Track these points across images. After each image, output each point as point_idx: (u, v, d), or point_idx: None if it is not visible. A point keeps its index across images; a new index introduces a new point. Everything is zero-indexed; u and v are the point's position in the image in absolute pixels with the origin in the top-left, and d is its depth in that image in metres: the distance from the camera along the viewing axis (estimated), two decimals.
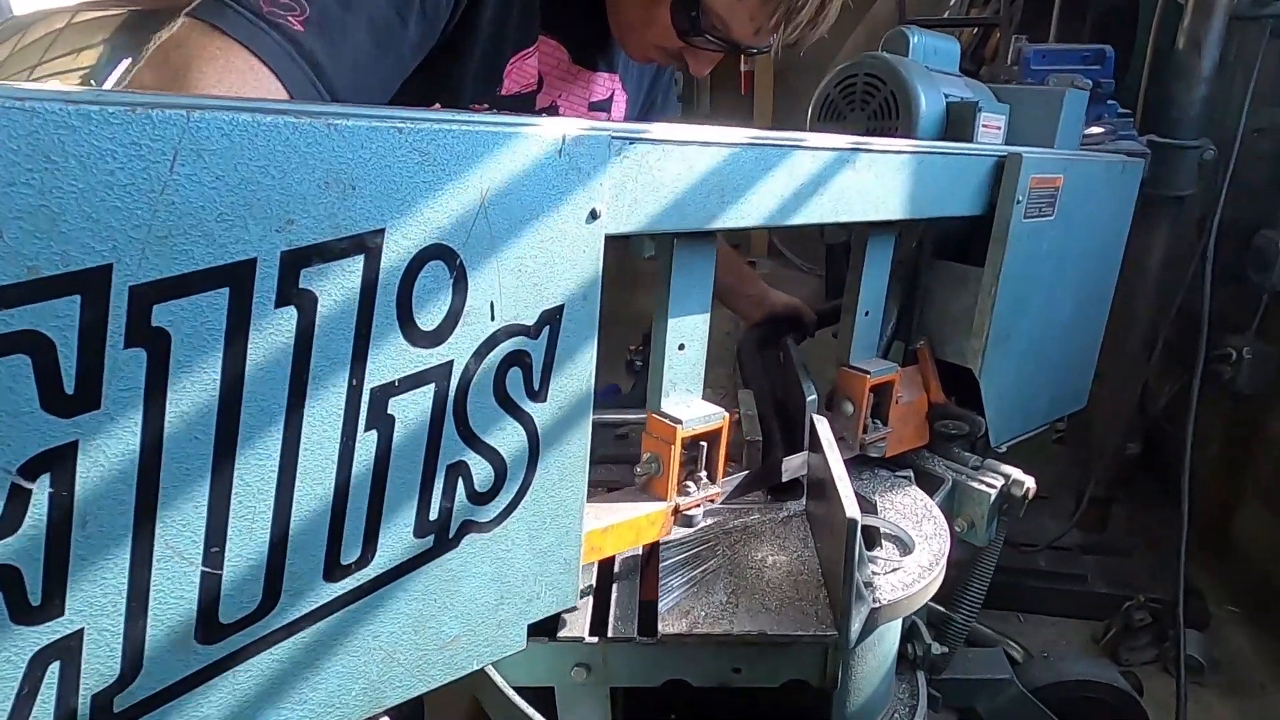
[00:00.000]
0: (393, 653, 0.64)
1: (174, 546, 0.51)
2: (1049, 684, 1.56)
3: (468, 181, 0.57)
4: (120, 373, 0.46)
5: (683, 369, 0.90)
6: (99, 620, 0.49)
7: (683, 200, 0.74)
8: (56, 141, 0.42)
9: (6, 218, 0.41)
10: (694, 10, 1.01)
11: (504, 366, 0.64)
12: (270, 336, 0.51)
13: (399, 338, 0.57)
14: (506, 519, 0.68)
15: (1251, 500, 2.39)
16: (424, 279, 0.57)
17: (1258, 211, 2.07)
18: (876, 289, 1.12)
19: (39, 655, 0.48)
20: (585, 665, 0.86)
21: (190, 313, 0.48)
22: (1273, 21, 1.93)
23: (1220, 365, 2.06)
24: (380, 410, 0.58)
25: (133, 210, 0.45)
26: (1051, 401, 1.40)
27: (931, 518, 1.12)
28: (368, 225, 0.53)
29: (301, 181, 0.50)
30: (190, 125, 0.46)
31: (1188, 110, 1.97)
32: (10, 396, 0.43)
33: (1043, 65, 1.53)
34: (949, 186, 1.05)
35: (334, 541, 0.58)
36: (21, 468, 0.45)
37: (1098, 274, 1.40)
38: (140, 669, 0.52)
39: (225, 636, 0.55)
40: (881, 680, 1.09)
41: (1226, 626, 2.27)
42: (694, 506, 0.91)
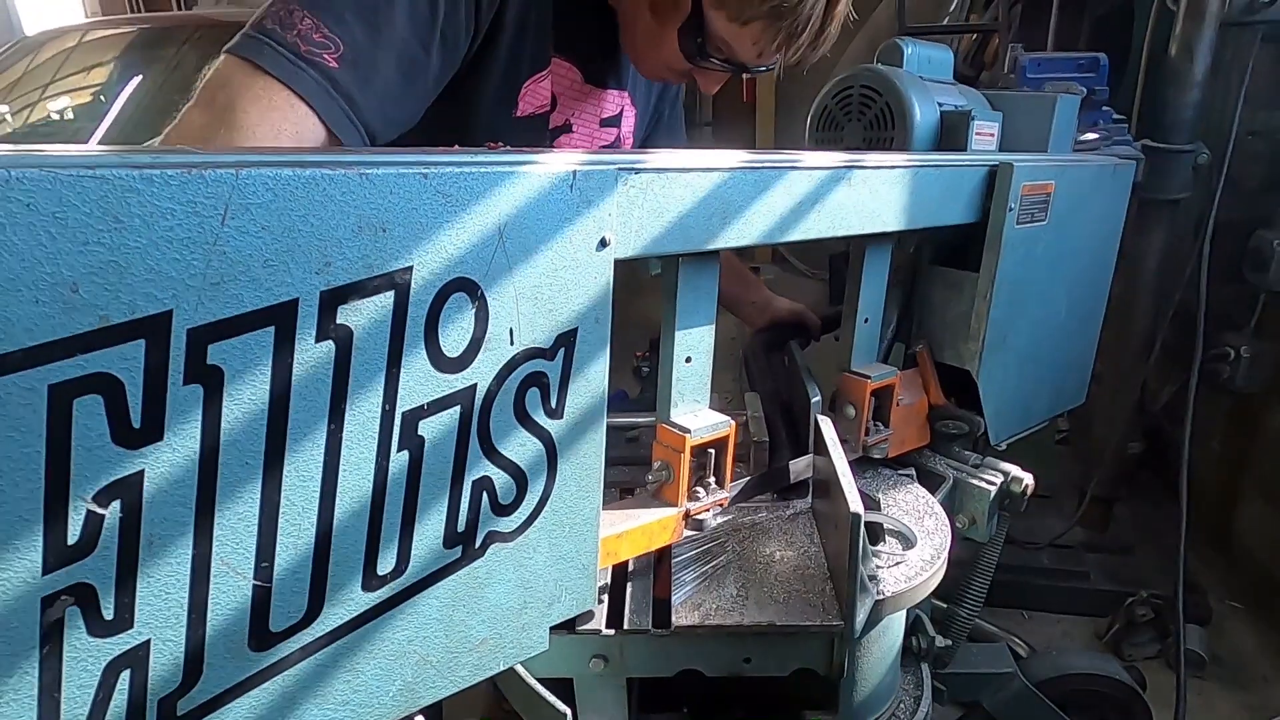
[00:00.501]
0: (426, 655, 0.69)
1: (229, 562, 0.56)
2: (1052, 678, 1.59)
3: (487, 219, 0.62)
4: (180, 407, 0.51)
5: (690, 380, 0.94)
6: (164, 631, 0.54)
7: (686, 223, 0.79)
8: (123, 204, 0.47)
9: (82, 274, 0.46)
10: (699, 36, 1.06)
11: (523, 387, 0.68)
12: (311, 368, 0.56)
13: (427, 365, 0.62)
14: (528, 528, 0.73)
15: (1252, 497, 2.42)
16: (448, 310, 0.62)
17: (1253, 212, 2.09)
18: (875, 297, 1.16)
19: (111, 664, 0.53)
20: (603, 656, 0.91)
21: (240, 350, 0.53)
22: (1264, 27, 1.95)
23: (1219, 364, 2.09)
24: (411, 432, 0.63)
25: (190, 261, 0.50)
26: (1050, 399, 1.44)
27: (933, 514, 1.16)
28: (397, 264, 0.58)
29: (338, 227, 0.55)
30: (239, 182, 0.50)
31: (1182, 114, 1.99)
32: (86, 433, 0.48)
33: (1039, 73, 1.57)
34: (942, 197, 1.09)
35: (371, 554, 0.63)
36: (95, 496, 0.49)
37: (1092, 274, 1.44)
38: (200, 674, 0.57)
39: (275, 644, 0.60)
40: (887, 671, 1.13)
41: (1228, 621, 2.30)
42: (704, 511, 0.96)
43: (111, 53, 4.37)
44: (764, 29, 1.06)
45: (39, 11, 7.12)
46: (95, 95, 4.22)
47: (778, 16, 1.04)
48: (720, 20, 1.05)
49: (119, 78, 4.23)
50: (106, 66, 4.34)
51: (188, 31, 4.33)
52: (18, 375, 0.45)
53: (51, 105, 4.24)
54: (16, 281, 0.44)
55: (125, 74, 4.22)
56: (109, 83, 4.23)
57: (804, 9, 1.03)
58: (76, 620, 0.51)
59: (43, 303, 0.45)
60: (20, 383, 0.45)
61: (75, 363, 0.47)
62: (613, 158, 0.70)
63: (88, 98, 4.24)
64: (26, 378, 0.46)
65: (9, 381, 0.45)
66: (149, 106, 3.96)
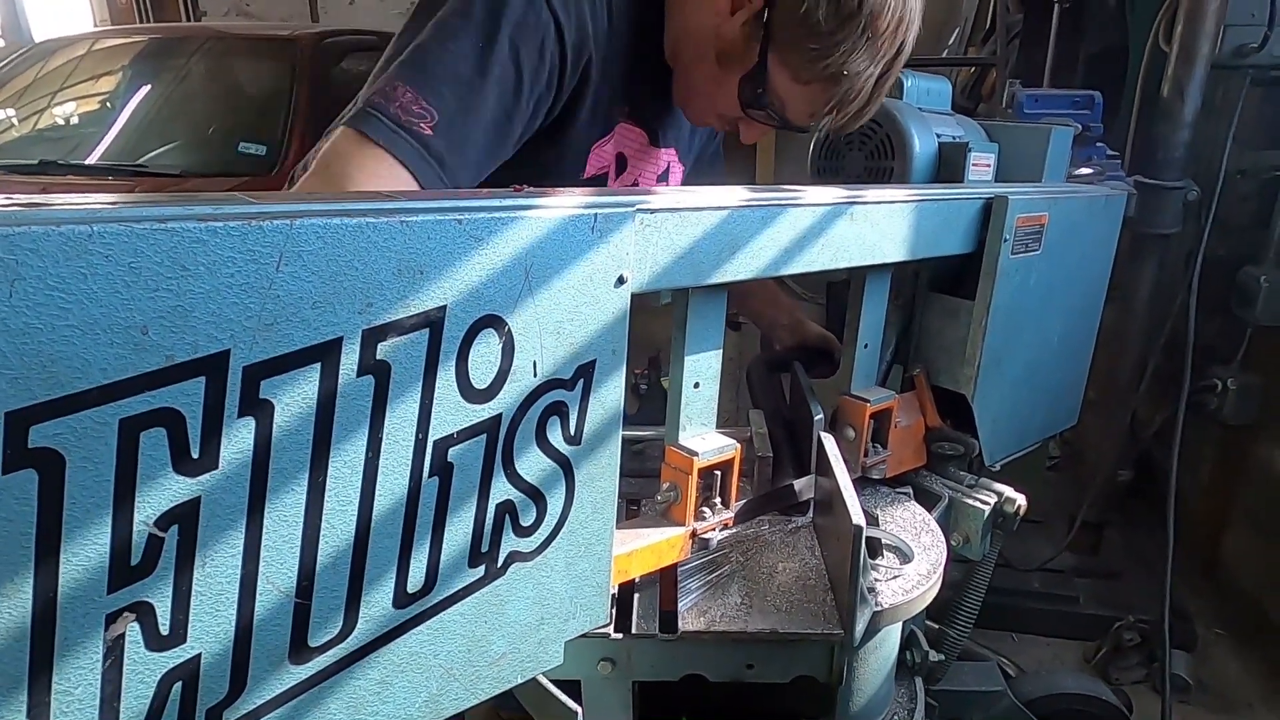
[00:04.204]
0: (450, 669, 0.73)
1: (274, 582, 0.60)
2: (1041, 697, 1.63)
3: (514, 259, 0.66)
4: (234, 438, 0.56)
5: (698, 405, 0.98)
6: (213, 646, 0.58)
7: (697, 257, 0.83)
8: (190, 254, 0.51)
9: (151, 318, 0.50)
10: (760, 87, 1.12)
11: (544, 415, 0.73)
12: (352, 400, 0.60)
13: (457, 396, 0.66)
14: (547, 548, 0.77)
15: (1240, 526, 2.47)
16: (478, 345, 0.66)
17: (1241, 249, 2.16)
18: (874, 323, 1.20)
19: (166, 676, 0.57)
20: (610, 660, 0.95)
21: (289, 385, 0.57)
22: (1253, 71, 2.02)
23: (1207, 395, 2.15)
24: (441, 459, 0.67)
25: (247, 304, 0.54)
26: (1043, 421, 1.48)
27: (929, 530, 1.21)
28: (433, 303, 0.63)
29: (379, 270, 0.59)
30: (293, 232, 0.55)
31: (1173, 152, 2.05)
32: (151, 462, 0.52)
33: (1036, 109, 1.61)
34: (940, 229, 1.13)
35: (402, 573, 0.67)
36: (157, 520, 0.54)
37: (1084, 302, 1.48)
38: (245, 687, 0.61)
39: (313, 658, 0.64)
40: (883, 682, 1.16)
41: (1214, 648, 2.35)
42: (710, 530, 1.00)
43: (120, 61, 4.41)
44: (820, 92, 1.11)
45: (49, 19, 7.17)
46: (103, 103, 4.27)
47: (835, 83, 1.10)
48: (782, 77, 1.11)
49: (127, 87, 4.28)
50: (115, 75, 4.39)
51: (196, 42, 4.39)
52: (94, 411, 0.49)
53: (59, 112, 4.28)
54: (95, 325, 0.49)
55: (134, 83, 4.27)
56: (117, 91, 4.28)
57: (860, 80, 1.09)
58: (136, 635, 0.55)
59: (116, 345, 0.50)
60: (95, 418, 0.50)
61: (143, 399, 0.51)
62: (630, 197, 0.75)
63: (96, 105, 4.29)
64: (101, 413, 0.50)
65: (85, 417, 0.49)
66: (156, 115, 4.01)
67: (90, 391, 0.49)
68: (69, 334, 0.48)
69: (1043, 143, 1.42)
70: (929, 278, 1.32)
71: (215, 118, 3.93)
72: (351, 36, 4.45)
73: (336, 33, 4.41)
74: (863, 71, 1.08)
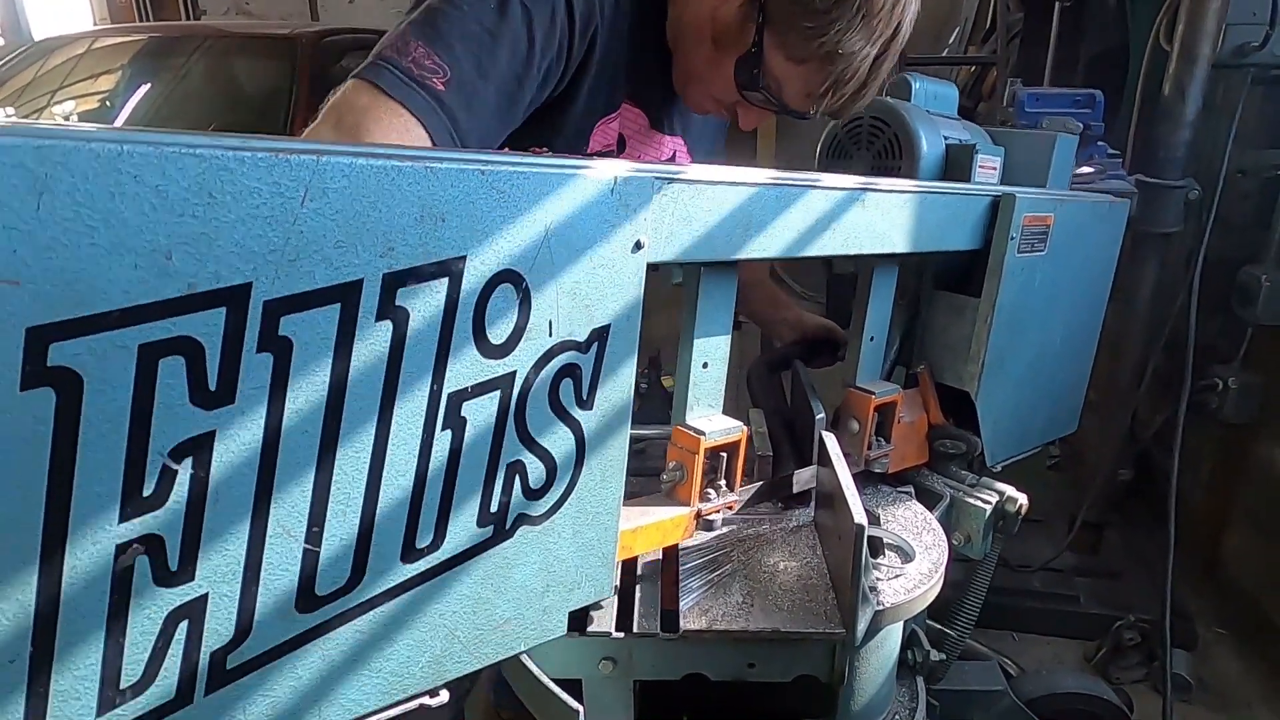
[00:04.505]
0: (454, 630, 0.72)
1: (284, 525, 0.59)
2: (1042, 697, 1.62)
3: (535, 216, 0.66)
4: (252, 374, 0.55)
5: (706, 386, 0.98)
6: (220, 586, 0.58)
7: (712, 233, 0.84)
8: (217, 180, 0.51)
9: (176, 243, 0.50)
10: (756, 68, 1.13)
11: (558, 377, 0.72)
12: (370, 345, 0.60)
13: (473, 350, 0.66)
14: (555, 514, 0.76)
15: (1240, 525, 2.47)
16: (495, 299, 0.66)
17: (1242, 248, 2.16)
18: (881, 316, 1.21)
19: (172, 614, 0.56)
20: (611, 659, 0.94)
21: (309, 324, 0.57)
22: (1253, 70, 2.03)
23: (1207, 394, 2.15)
24: (455, 412, 0.66)
25: (270, 237, 0.54)
26: (1044, 424, 1.48)
27: (931, 530, 1.20)
28: (453, 252, 0.62)
29: (402, 215, 0.59)
30: (319, 167, 0.55)
31: (1174, 152, 2.06)
32: (168, 391, 0.52)
33: (1036, 108, 1.63)
34: (948, 223, 1.14)
35: (411, 527, 0.67)
36: (171, 451, 0.53)
37: (1087, 305, 1.49)
38: (250, 632, 0.60)
39: (319, 607, 0.63)
40: (884, 682, 1.16)
41: (1214, 647, 2.35)
42: (714, 512, 1.00)
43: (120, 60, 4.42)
44: (816, 70, 1.13)
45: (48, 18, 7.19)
46: (102, 102, 4.27)
47: (830, 61, 1.11)
48: (778, 57, 1.12)
49: (127, 85, 4.28)
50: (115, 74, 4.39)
51: (196, 41, 4.40)
52: (114, 333, 0.49)
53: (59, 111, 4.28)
54: (120, 247, 0.48)
55: (133, 82, 4.27)
56: (116, 90, 4.28)
57: (856, 59, 1.11)
58: (144, 569, 0.54)
59: (140, 268, 0.49)
60: (115, 341, 0.49)
61: (164, 325, 0.51)
62: (651, 168, 0.75)
63: (95, 104, 4.29)
64: (121, 336, 0.49)
65: (105, 339, 0.49)
66: (156, 114, 4.02)
67: (111, 314, 0.49)
68: (94, 253, 0.48)
69: (1048, 149, 1.44)
70: (934, 276, 1.33)
71: (215, 116, 3.94)
72: (351, 35, 4.46)
73: (336, 31, 4.43)
74: (859, 51, 1.09)
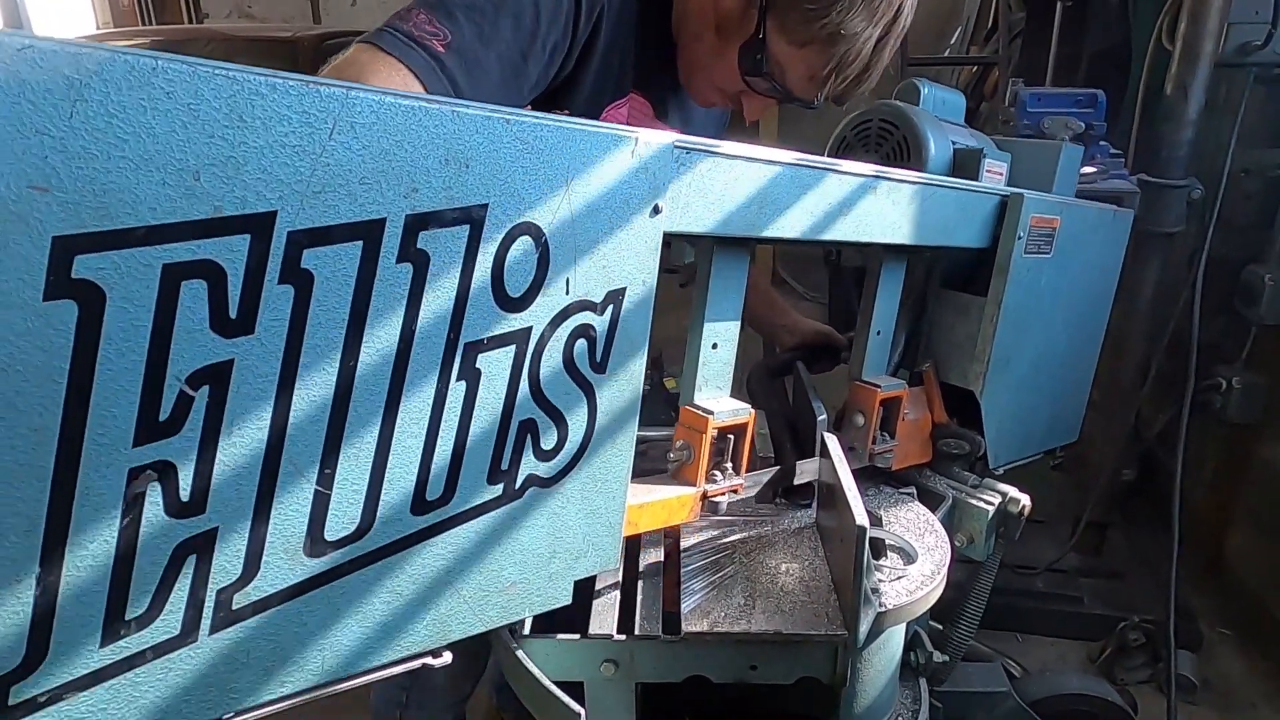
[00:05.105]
0: (460, 589, 0.71)
1: (296, 463, 0.59)
2: (1046, 698, 1.61)
3: (557, 170, 0.66)
4: (273, 305, 0.55)
5: (715, 366, 0.98)
6: (230, 522, 0.57)
7: (728, 208, 0.84)
8: (248, 105, 0.51)
9: (205, 164, 0.50)
10: (759, 53, 1.14)
11: (573, 338, 0.72)
12: (390, 286, 0.60)
13: (490, 300, 0.66)
14: (564, 478, 0.76)
15: (1244, 525, 2.46)
16: (515, 251, 0.66)
17: (1245, 248, 2.16)
18: (888, 310, 1.21)
19: (181, 546, 0.55)
20: (613, 661, 0.93)
21: (331, 259, 0.57)
22: (1256, 69, 2.03)
23: (1211, 394, 2.14)
24: (470, 364, 0.66)
25: (298, 168, 0.54)
26: (1046, 430, 1.48)
27: (933, 531, 1.20)
28: (475, 200, 0.63)
29: (427, 156, 0.59)
30: (348, 101, 0.55)
31: (1176, 151, 2.06)
32: (189, 315, 0.52)
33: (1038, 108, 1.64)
34: (957, 218, 1.15)
35: (423, 478, 0.66)
36: (189, 378, 0.53)
37: (1090, 313, 1.50)
38: (258, 572, 0.59)
39: (328, 552, 0.62)
40: (887, 683, 1.14)
41: (1219, 648, 2.34)
42: (720, 494, 0.99)
43: None
44: (818, 54, 1.14)
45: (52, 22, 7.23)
46: None
47: (832, 44, 1.12)
48: (780, 43, 1.14)
49: None
50: None
51: (199, 45, 4.42)
52: (139, 250, 0.49)
53: None
54: (150, 163, 0.48)
55: None
56: None
57: (858, 41, 1.12)
58: (156, 497, 0.53)
59: (168, 185, 0.49)
60: (140, 258, 0.49)
61: (188, 246, 0.51)
62: (672, 136, 0.75)
63: None
64: (146, 254, 0.49)
65: (131, 255, 0.49)
66: None
67: (138, 230, 0.49)
68: (124, 166, 0.48)
69: (1053, 157, 1.45)
70: (941, 275, 1.33)
71: None
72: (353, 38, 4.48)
73: (338, 34, 4.46)
74: (860, 32, 1.11)
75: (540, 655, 0.90)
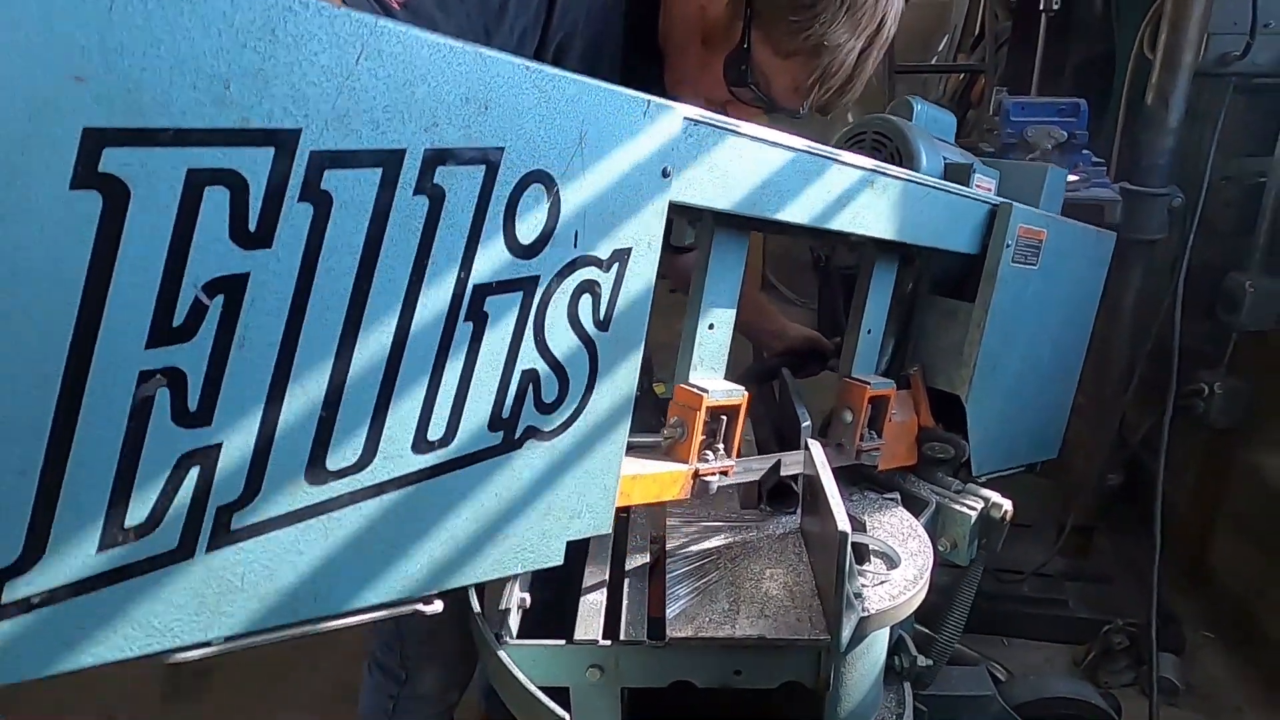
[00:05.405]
0: (455, 536, 0.71)
1: (303, 385, 0.59)
2: (1030, 701, 1.62)
3: (572, 121, 0.68)
4: (291, 221, 0.56)
5: (710, 346, 0.99)
6: (235, 438, 0.57)
7: (731, 184, 0.86)
8: (281, 19, 0.52)
9: (235, 74, 0.51)
10: (745, 64, 1.17)
11: (578, 292, 0.73)
12: (405, 218, 0.61)
13: (501, 244, 0.67)
14: (563, 433, 0.76)
15: (1226, 529, 2.48)
16: (527, 197, 0.67)
17: (1226, 254, 2.18)
18: (879, 310, 1.23)
19: (185, 458, 0.55)
20: (599, 666, 0.93)
21: (350, 183, 0.58)
22: (1235, 79, 2.07)
23: (1193, 399, 2.16)
24: (478, 306, 0.67)
25: (324, 88, 0.55)
26: (1028, 443, 1.51)
27: (916, 536, 1.21)
28: (492, 142, 0.64)
29: (449, 93, 0.61)
30: (376, 28, 0.56)
31: (1157, 159, 2.08)
32: (209, 222, 0.52)
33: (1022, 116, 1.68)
34: (949, 222, 1.18)
35: (425, 417, 0.66)
36: (205, 286, 0.53)
37: (1072, 330, 1.53)
38: (258, 493, 0.59)
39: (328, 481, 0.62)
40: (871, 687, 1.14)
41: (1202, 651, 2.35)
42: (711, 474, 1.00)
43: None
44: (802, 64, 1.17)
45: None
46: None
47: (817, 55, 1.15)
48: (765, 54, 1.17)
49: None
50: None
51: None
52: (166, 150, 0.50)
53: None
54: (182, 66, 0.49)
55: None
56: None
57: (841, 52, 1.15)
58: (164, 402, 0.53)
59: (199, 89, 0.50)
60: (166, 158, 0.50)
61: (214, 153, 0.52)
62: (680, 106, 0.78)
63: None
64: (172, 155, 0.50)
65: (158, 154, 0.49)
66: None
67: (166, 130, 0.50)
68: (158, 65, 0.49)
69: (1040, 180, 1.49)
70: (930, 282, 1.36)
71: None
72: None
73: None
74: (844, 43, 1.14)
75: (526, 661, 0.91)
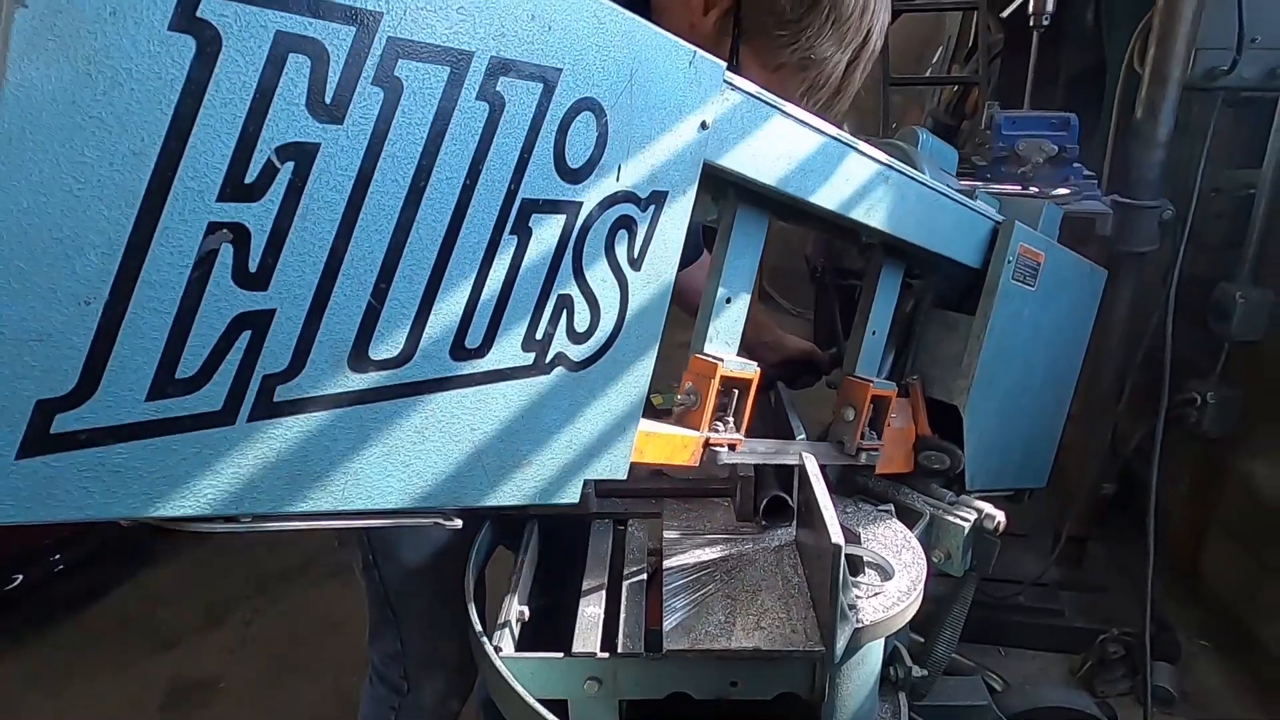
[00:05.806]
0: (480, 454, 0.71)
1: (356, 267, 0.60)
2: (1026, 710, 1.60)
3: (625, 56, 0.71)
4: (363, 102, 0.58)
5: (726, 320, 1.02)
6: (288, 308, 0.58)
7: (757, 153, 0.89)
8: None
9: None
10: None
11: (616, 225, 0.76)
12: (466, 119, 0.63)
13: (550, 165, 0.69)
14: (590, 365, 0.78)
15: (1220, 538, 2.49)
16: (578, 123, 0.70)
17: (1217, 266, 2.21)
18: (884, 311, 1.27)
19: (239, 319, 0.56)
20: (597, 679, 0.94)
21: (421, 75, 0.60)
22: (1224, 93, 2.12)
23: (1186, 409, 2.18)
24: (524, 221, 0.69)
25: None
26: (1019, 465, 1.53)
27: (910, 548, 1.22)
28: (552, 62, 0.67)
29: (519, 7, 0.64)
30: None
31: (1148, 172, 2.11)
32: (288, 87, 0.54)
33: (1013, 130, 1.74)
34: (955, 230, 1.22)
35: (465, 322, 0.68)
36: (278, 149, 0.55)
37: (1063, 362, 1.57)
38: (302, 369, 0.60)
39: (369, 370, 0.63)
40: (866, 698, 1.14)
41: (1198, 659, 2.34)
42: (721, 444, 1.01)
43: None
44: (790, 78, 1.20)
45: None
46: None
47: (803, 68, 1.19)
48: (753, 67, 1.19)
49: None
50: None
51: None
52: (259, 9, 0.52)
53: None
54: None
55: None
56: None
57: (828, 65, 1.19)
58: (227, 259, 0.54)
59: None
60: (259, 17, 0.52)
61: (300, 20, 0.54)
62: (721, 64, 0.81)
63: None
64: (264, 15, 0.52)
65: (251, 10, 0.52)
66: None
67: None
68: None
69: (1036, 215, 1.56)
70: (932, 297, 1.40)
71: None
72: None
73: None
74: (830, 57, 1.17)
75: (525, 673, 0.92)
